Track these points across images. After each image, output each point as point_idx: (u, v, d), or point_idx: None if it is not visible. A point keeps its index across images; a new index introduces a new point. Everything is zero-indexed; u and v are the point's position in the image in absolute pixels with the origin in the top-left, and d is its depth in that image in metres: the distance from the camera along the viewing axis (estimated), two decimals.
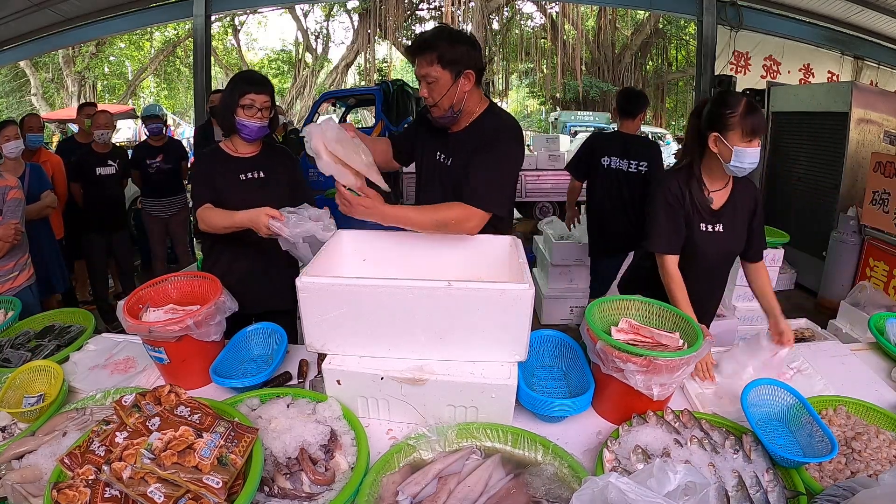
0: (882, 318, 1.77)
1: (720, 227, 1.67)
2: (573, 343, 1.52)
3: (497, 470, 1.11)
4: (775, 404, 1.28)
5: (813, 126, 4.85)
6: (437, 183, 1.75)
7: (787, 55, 7.85)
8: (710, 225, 1.67)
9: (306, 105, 17.33)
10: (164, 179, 4.30)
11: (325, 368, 1.26)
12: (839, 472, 1.13)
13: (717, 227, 1.67)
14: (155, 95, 19.67)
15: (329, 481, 1.06)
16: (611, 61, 18.79)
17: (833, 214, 4.44)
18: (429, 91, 1.57)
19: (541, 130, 20.02)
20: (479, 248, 1.57)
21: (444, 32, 1.57)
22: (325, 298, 1.22)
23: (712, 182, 1.66)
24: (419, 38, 1.57)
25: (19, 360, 1.61)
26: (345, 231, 1.62)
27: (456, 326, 1.21)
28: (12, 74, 15.64)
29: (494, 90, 19.64)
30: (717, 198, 1.67)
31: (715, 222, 1.67)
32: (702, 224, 1.67)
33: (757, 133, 1.51)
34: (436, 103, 1.57)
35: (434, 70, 1.53)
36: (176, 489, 0.88)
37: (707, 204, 1.66)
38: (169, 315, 1.48)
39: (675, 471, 0.87)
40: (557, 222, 4.27)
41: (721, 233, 1.67)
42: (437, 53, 1.52)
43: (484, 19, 17.27)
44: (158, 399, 1.07)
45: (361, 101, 9.31)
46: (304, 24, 19.23)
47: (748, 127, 1.50)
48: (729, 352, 1.57)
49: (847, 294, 3.08)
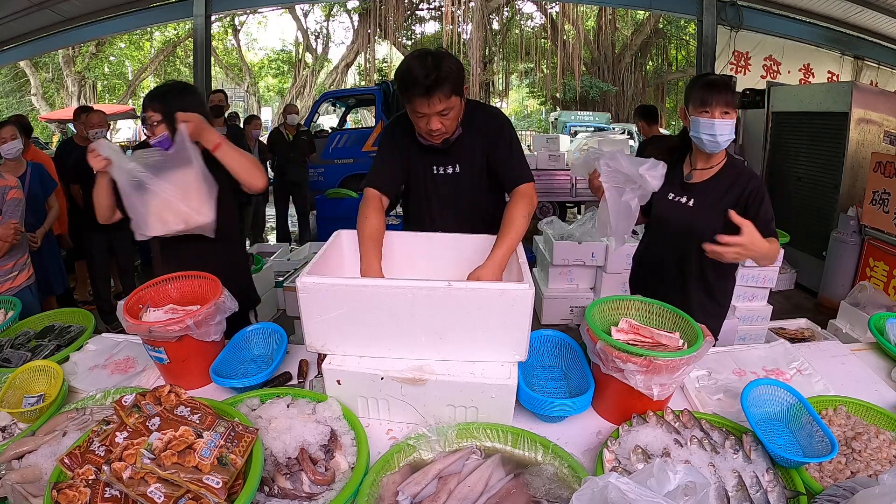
0: (882, 318, 1.77)
1: (690, 200, 1.71)
2: (573, 343, 1.52)
3: (497, 470, 1.11)
4: (775, 404, 1.28)
5: (813, 126, 4.86)
6: (433, 196, 1.76)
7: (787, 55, 7.85)
8: (678, 196, 1.73)
9: (306, 105, 17.32)
10: None
11: (325, 368, 1.26)
12: (839, 472, 1.13)
13: (684, 199, 1.72)
14: None
15: (329, 481, 1.06)
16: (611, 61, 18.80)
17: (833, 214, 4.44)
18: (446, 123, 1.54)
19: (541, 130, 20.01)
20: (480, 248, 1.57)
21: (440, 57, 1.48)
22: (325, 298, 1.22)
23: (698, 158, 1.72)
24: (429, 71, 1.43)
25: (19, 360, 1.61)
26: (344, 231, 1.62)
27: (456, 327, 1.21)
28: (12, 74, 15.65)
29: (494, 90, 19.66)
30: (699, 174, 1.72)
31: (684, 194, 1.72)
32: (670, 194, 1.74)
33: (706, 102, 1.57)
34: (449, 131, 1.56)
35: (451, 101, 1.50)
36: (176, 489, 0.88)
37: (680, 175, 1.74)
38: (169, 315, 1.48)
39: (675, 471, 0.87)
40: (557, 222, 4.27)
41: (688, 206, 1.71)
42: (449, 85, 1.46)
43: (484, 19, 17.28)
44: (158, 399, 1.07)
45: (361, 101, 9.33)
46: (304, 24, 19.25)
47: (699, 96, 1.59)
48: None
49: (847, 294, 3.09)
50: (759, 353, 1.64)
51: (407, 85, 1.47)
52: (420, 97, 1.47)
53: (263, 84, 22.09)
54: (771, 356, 1.62)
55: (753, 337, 3.30)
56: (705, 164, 1.70)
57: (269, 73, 21.95)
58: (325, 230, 5.46)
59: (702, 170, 1.71)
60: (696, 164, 1.71)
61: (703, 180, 1.71)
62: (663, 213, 1.76)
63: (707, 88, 1.58)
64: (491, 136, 1.68)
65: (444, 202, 1.77)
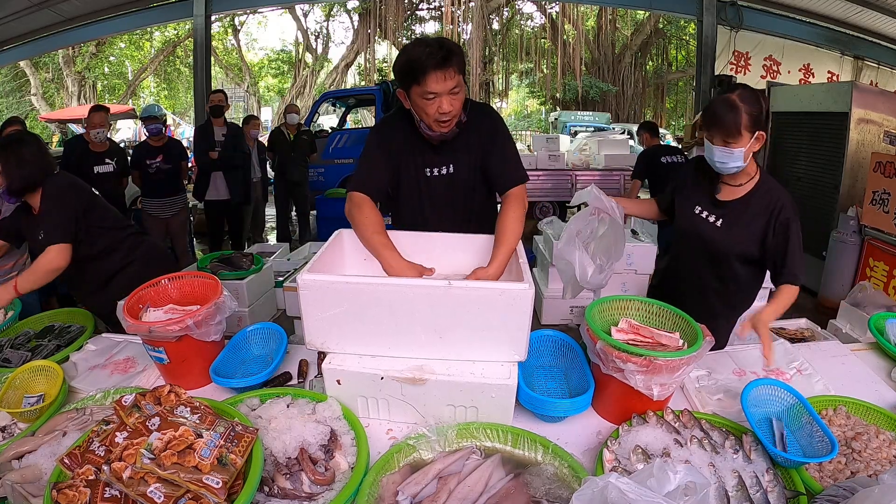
0: (882, 318, 1.77)
1: (719, 220, 1.66)
2: (573, 343, 1.52)
3: (497, 470, 1.11)
4: (775, 404, 1.27)
5: (813, 126, 4.85)
6: (426, 197, 1.74)
7: (787, 55, 7.86)
8: (706, 212, 1.69)
9: (306, 105, 17.32)
10: (163, 179, 4.30)
11: (325, 368, 1.26)
12: (839, 472, 1.13)
13: (711, 218, 1.67)
14: (155, 95, 19.68)
15: (329, 481, 1.06)
16: (611, 61, 18.81)
17: (833, 214, 4.44)
18: (455, 103, 1.51)
19: (541, 130, 20.01)
20: (480, 248, 1.57)
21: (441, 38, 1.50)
22: (325, 296, 1.22)
23: (731, 175, 1.62)
24: (439, 48, 1.43)
25: (19, 360, 1.61)
26: (346, 230, 1.62)
27: (456, 326, 1.21)
28: (12, 74, 15.64)
29: (494, 90, 19.66)
30: (729, 192, 1.65)
31: (713, 211, 1.67)
32: (697, 207, 1.70)
33: (709, 127, 1.52)
34: (459, 114, 1.55)
35: (460, 80, 1.49)
36: (176, 489, 0.88)
37: (710, 191, 1.67)
38: (169, 315, 1.48)
39: (675, 471, 0.87)
40: (557, 222, 4.27)
41: (714, 224, 1.66)
42: (459, 61, 1.46)
43: (484, 19, 17.28)
44: (158, 399, 1.07)
45: (361, 101, 9.31)
46: (304, 24, 19.24)
47: (705, 119, 1.55)
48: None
49: (847, 294, 3.08)
50: (759, 353, 1.64)
51: (417, 63, 1.43)
52: (435, 69, 1.42)
53: (263, 84, 22.09)
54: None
55: (753, 337, 3.28)
56: (733, 181, 1.63)
57: (269, 73, 21.95)
58: (325, 230, 5.46)
59: (732, 186, 1.64)
60: (729, 179, 1.64)
61: (733, 199, 1.64)
62: (689, 227, 1.71)
63: (708, 114, 1.53)
64: (484, 135, 1.66)
65: (437, 203, 1.74)
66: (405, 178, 1.72)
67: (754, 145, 1.50)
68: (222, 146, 4.81)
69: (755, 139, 1.49)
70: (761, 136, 1.49)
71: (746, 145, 1.49)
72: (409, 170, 1.71)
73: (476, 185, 1.74)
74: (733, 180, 1.63)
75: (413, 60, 1.44)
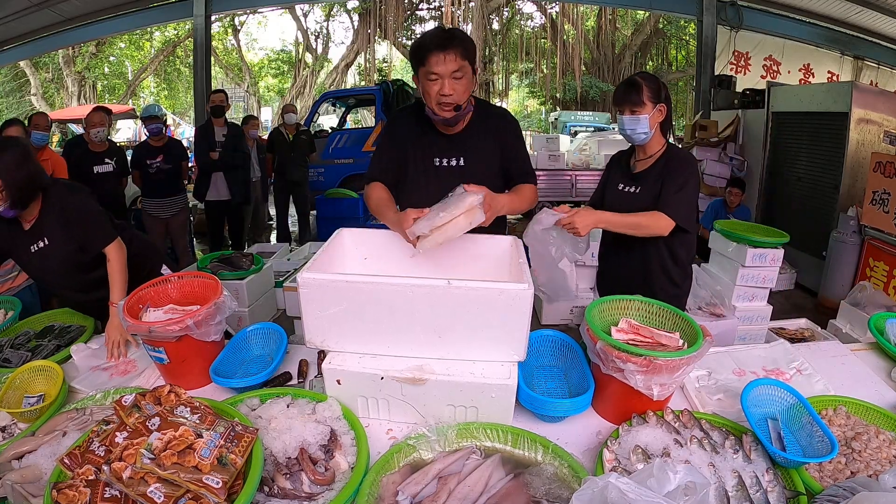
0: (882, 318, 1.77)
1: (637, 189, 1.89)
2: (573, 343, 1.52)
3: (497, 470, 1.11)
4: (775, 404, 1.27)
5: (813, 126, 4.85)
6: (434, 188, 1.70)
7: (787, 55, 7.86)
8: (626, 186, 1.93)
9: (306, 105, 17.32)
10: (164, 179, 4.30)
11: (325, 368, 1.26)
12: (839, 472, 1.13)
13: (630, 188, 1.91)
14: (155, 95, 19.68)
15: (329, 481, 1.06)
16: (611, 61, 18.79)
17: (833, 214, 4.44)
18: (456, 88, 1.54)
19: (541, 130, 19.99)
20: (480, 248, 1.58)
21: (457, 29, 1.60)
22: (325, 294, 1.22)
23: (638, 151, 1.92)
24: (444, 32, 1.53)
25: (19, 360, 1.61)
26: (346, 230, 1.62)
27: (455, 325, 1.21)
28: (12, 74, 15.64)
29: (494, 90, 19.65)
30: (641, 164, 1.90)
31: (631, 183, 1.91)
32: (620, 184, 1.94)
33: (619, 104, 1.79)
34: (461, 100, 1.57)
35: (464, 66, 1.53)
36: (176, 489, 0.88)
37: (628, 168, 1.94)
38: (169, 315, 1.48)
39: (675, 471, 0.88)
40: None
41: (634, 193, 1.89)
42: (462, 47, 1.52)
43: (484, 19, 17.27)
44: (158, 399, 1.07)
45: (361, 101, 9.31)
46: (304, 24, 19.22)
47: (614, 101, 1.84)
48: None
49: (847, 294, 3.09)
50: (759, 353, 1.64)
51: (422, 45, 1.53)
52: (436, 51, 1.50)
53: (263, 84, 22.08)
54: (771, 356, 1.62)
55: (753, 337, 3.29)
56: (644, 154, 1.89)
57: (268, 73, 21.93)
58: (325, 230, 5.46)
59: (642, 160, 1.90)
60: (638, 156, 1.91)
61: (644, 169, 1.89)
62: (613, 202, 1.93)
63: (616, 94, 1.81)
64: (500, 134, 1.73)
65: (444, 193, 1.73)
66: (412, 164, 1.77)
67: (657, 116, 1.78)
68: (223, 146, 4.81)
69: (657, 110, 1.77)
70: (662, 107, 1.78)
71: (650, 113, 1.76)
72: (416, 157, 1.75)
73: (486, 182, 1.74)
74: (644, 153, 1.88)
75: (420, 42, 1.56)
